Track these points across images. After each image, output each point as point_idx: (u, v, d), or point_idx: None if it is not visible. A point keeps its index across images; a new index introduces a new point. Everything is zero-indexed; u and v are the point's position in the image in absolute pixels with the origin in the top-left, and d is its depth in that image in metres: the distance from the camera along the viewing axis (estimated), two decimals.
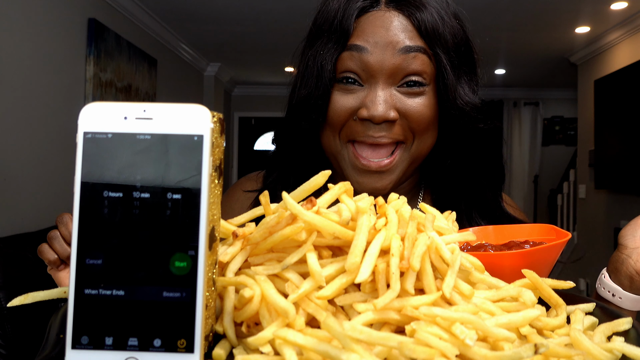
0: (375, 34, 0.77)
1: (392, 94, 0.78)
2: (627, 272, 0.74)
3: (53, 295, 0.52)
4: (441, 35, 0.78)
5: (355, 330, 0.37)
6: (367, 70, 0.77)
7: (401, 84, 0.78)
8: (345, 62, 0.77)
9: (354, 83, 0.78)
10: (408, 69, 0.77)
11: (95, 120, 0.39)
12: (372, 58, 0.76)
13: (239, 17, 4.40)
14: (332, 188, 0.49)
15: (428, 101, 0.79)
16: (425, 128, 0.79)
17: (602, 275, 0.80)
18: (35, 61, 2.92)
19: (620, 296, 0.75)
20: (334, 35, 0.78)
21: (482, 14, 4.30)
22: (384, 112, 0.75)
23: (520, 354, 0.36)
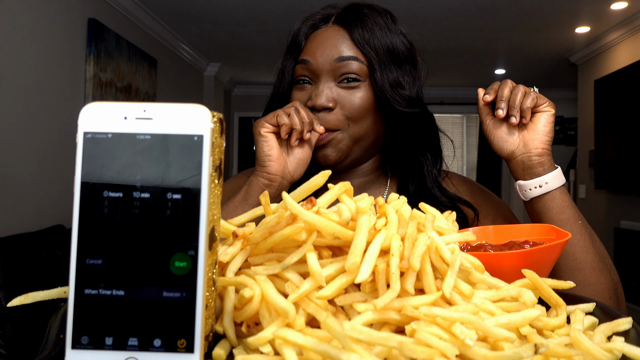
0: (318, 48, 0.99)
1: (331, 88, 0.98)
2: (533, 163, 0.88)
3: (53, 295, 0.52)
4: (371, 43, 0.98)
5: (355, 330, 0.37)
6: (313, 73, 0.99)
7: (340, 80, 0.98)
8: (298, 71, 1.01)
9: (305, 82, 1.01)
10: (343, 70, 0.97)
11: (95, 120, 0.39)
12: (314, 67, 0.98)
13: (239, 17, 4.41)
14: (332, 188, 0.49)
15: (363, 94, 0.98)
16: (358, 115, 0.98)
17: (518, 186, 0.91)
18: (35, 61, 2.92)
19: (546, 180, 0.87)
20: (292, 51, 1.04)
21: (482, 14, 4.30)
22: (323, 102, 0.96)
23: (520, 354, 0.36)
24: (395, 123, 1.01)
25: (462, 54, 5.60)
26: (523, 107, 0.87)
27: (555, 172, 0.89)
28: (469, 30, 4.73)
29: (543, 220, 0.88)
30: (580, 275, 0.87)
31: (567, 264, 0.87)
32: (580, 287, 0.86)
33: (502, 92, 0.89)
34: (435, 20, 4.41)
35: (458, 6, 4.09)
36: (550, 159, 0.90)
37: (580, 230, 0.88)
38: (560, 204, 0.88)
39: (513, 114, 0.87)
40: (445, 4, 4.03)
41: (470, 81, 6.96)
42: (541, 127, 0.88)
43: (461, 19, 4.39)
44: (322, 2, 1.10)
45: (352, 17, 1.00)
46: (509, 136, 0.90)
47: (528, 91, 0.89)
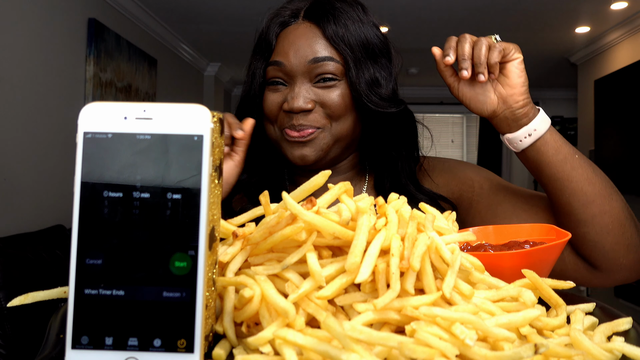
0: (290, 49, 0.94)
1: (308, 89, 0.94)
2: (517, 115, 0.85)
3: (53, 295, 0.52)
4: (346, 40, 0.94)
5: (355, 330, 0.37)
6: (287, 74, 0.95)
7: (316, 80, 0.94)
8: (270, 72, 0.97)
9: (279, 84, 0.97)
10: (319, 70, 0.93)
11: (95, 120, 0.39)
12: (288, 69, 0.94)
13: (239, 17, 4.40)
14: (332, 188, 0.49)
15: (341, 92, 0.94)
16: (339, 113, 0.94)
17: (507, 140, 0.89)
18: (35, 61, 2.92)
19: (534, 127, 0.85)
20: (261, 50, 0.99)
21: (482, 14, 4.30)
22: (301, 104, 0.92)
23: (520, 354, 0.36)
24: (372, 120, 0.98)
25: None
26: (490, 63, 0.82)
27: (539, 116, 0.86)
28: (469, 31, 4.72)
29: (541, 166, 0.86)
30: (594, 207, 0.85)
31: (579, 201, 0.85)
32: (598, 219, 0.85)
33: (462, 50, 0.83)
34: (435, 20, 4.41)
35: (458, 6, 4.09)
36: (532, 105, 0.86)
37: (580, 164, 0.86)
38: (554, 145, 0.85)
39: (480, 71, 0.82)
40: (445, 4, 4.03)
41: None
42: (516, 79, 0.85)
43: (461, 19, 4.39)
44: None
45: (323, 11, 0.95)
46: (485, 96, 0.86)
47: (491, 43, 0.83)
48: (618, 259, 0.86)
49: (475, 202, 0.99)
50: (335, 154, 0.99)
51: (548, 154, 0.85)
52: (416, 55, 5.01)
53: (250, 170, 1.03)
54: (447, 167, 1.06)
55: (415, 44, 4.62)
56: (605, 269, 0.87)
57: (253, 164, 1.03)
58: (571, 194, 0.85)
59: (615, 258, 0.86)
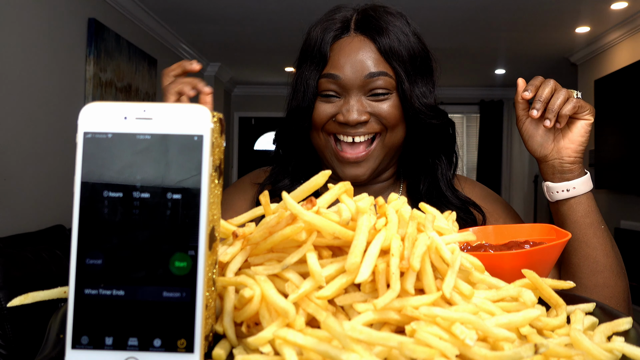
0: (346, 63, 0.97)
1: (362, 102, 0.97)
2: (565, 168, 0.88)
3: (53, 295, 0.52)
4: (398, 54, 0.97)
5: (355, 330, 0.37)
6: (342, 87, 0.97)
7: (370, 94, 0.97)
8: (324, 84, 0.98)
9: (332, 96, 0.99)
10: (373, 85, 0.97)
11: (95, 120, 0.39)
12: (344, 82, 0.96)
13: (239, 17, 4.40)
14: (332, 188, 0.49)
15: (393, 103, 0.98)
16: (394, 124, 0.98)
17: (546, 187, 0.92)
18: (35, 61, 2.92)
19: (574, 185, 0.88)
20: (315, 60, 1.00)
21: (482, 14, 4.30)
22: (356, 117, 0.95)
23: (520, 354, 0.36)
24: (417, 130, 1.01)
25: (462, 54, 5.60)
26: (561, 113, 0.85)
27: (584, 177, 0.89)
28: (469, 30, 4.73)
29: (567, 222, 0.89)
30: (600, 277, 0.88)
31: (589, 266, 0.88)
32: (599, 289, 0.88)
33: (541, 92, 0.87)
34: (435, 20, 4.41)
35: (458, 6, 4.09)
36: (581, 165, 0.90)
37: (603, 234, 0.89)
38: (586, 208, 0.88)
39: (549, 117, 0.85)
40: (445, 4, 4.03)
41: (470, 81, 6.96)
42: (577, 137, 0.88)
43: (461, 19, 4.39)
44: (322, 3, 1.08)
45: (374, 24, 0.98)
46: (544, 139, 0.90)
47: (570, 96, 0.87)
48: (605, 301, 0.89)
49: None
50: (383, 166, 1.02)
51: (577, 214, 0.88)
52: None
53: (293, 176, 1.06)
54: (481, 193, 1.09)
55: None
56: None
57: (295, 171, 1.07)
58: (584, 257, 0.89)
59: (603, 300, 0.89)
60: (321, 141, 1.01)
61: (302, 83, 1.00)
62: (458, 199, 1.02)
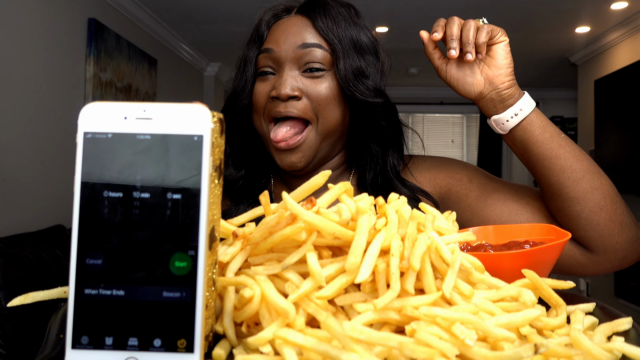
0: (281, 36, 0.96)
1: (296, 77, 0.95)
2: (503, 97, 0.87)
3: (53, 295, 0.52)
4: (335, 32, 0.95)
5: (355, 330, 0.37)
6: (277, 62, 0.96)
7: (305, 69, 0.95)
8: (260, 61, 0.98)
9: (268, 74, 0.98)
10: (307, 58, 0.95)
11: (95, 120, 0.39)
12: (277, 55, 0.95)
13: (239, 17, 4.40)
14: (332, 188, 0.49)
15: (328, 84, 0.95)
16: (325, 106, 0.95)
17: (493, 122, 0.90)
18: (35, 61, 2.92)
19: (520, 107, 0.87)
20: (254, 40, 1.01)
21: (482, 14, 4.29)
22: (288, 91, 0.93)
23: (520, 354, 0.36)
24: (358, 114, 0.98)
25: None
26: (478, 42, 0.85)
27: (525, 97, 0.88)
28: None
29: (529, 145, 0.88)
30: (584, 183, 0.86)
31: (569, 177, 0.86)
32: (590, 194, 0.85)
33: (450, 30, 0.87)
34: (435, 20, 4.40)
35: (458, 6, 4.09)
36: (517, 87, 0.88)
37: (566, 143, 0.88)
38: (540, 124, 0.87)
39: (468, 50, 0.85)
40: (444, 4, 4.03)
41: None
42: (502, 61, 0.87)
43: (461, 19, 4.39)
44: None
45: (315, 6, 0.98)
46: (472, 77, 0.89)
47: (479, 25, 0.87)
48: (613, 237, 0.86)
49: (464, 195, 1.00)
50: (323, 153, 0.99)
51: (535, 133, 0.87)
52: (416, 55, 5.00)
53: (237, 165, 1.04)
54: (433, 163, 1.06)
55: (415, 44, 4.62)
56: (601, 250, 0.87)
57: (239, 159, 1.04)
58: (560, 171, 0.86)
59: (611, 235, 0.86)
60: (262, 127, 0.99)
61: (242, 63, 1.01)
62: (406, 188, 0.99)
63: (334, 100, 0.95)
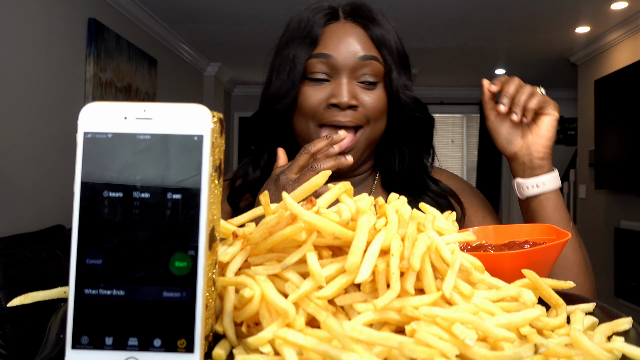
0: (340, 44, 0.96)
1: (353, 87, 0.96)
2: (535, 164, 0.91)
3: (53, 295, 0.52)
4: (388, 43, 0.98)
5: (355, 330, 0.37)
6: (334, 69, 0.96)
7: (359, 80, 0.97)
8: (315, 65, 0.96)
9: (322, 80, 0.96)
10: (365, 70, 0.96)
11: (95, 120, 0.39)
12: (336, 62, 0.95)
13: (239, 17, 4.40)
14: (332, 188, 0.49)
15: (378, 95, 0.98)
16: (377, 116, 0.98)
17: (516, 183, 0.94)
18: (35, 61, 2.92)
19: (544, 181, 0.91)
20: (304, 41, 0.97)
21: (482, 14, 4.30)
22: (348, 99, 0.94)
23: (520, 354, 0.36)
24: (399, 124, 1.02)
25: (462, 54, 5.60)
26: (527, 107, 0.88)
27: (553, 174, 0.91)
28: (469, 30, 4.73)
29: (537, 218, 0.91)
30: (569, 273, 0.89)
31: (558, 263, 0.89)
32: None
33: (507, 88, 0.90)
34: (435, 20, 4.40)
35: (458, 6, 4.09)
36: (550, 162, 0.92)
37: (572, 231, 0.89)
38: (555, 205, 0.90)
39: (515, 111, 0.88)
40: (445, 3, 4.03)
41: (470, 81, 6.96)
42: (544, 132, 0.91)
43: (461, 19, 4.39)
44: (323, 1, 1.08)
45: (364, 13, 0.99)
46: (513, 136, 0.92)
47: (535, 92, 0.90)
48: None
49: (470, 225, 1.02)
50: (363, 157, 1.01)
51: (547, 210, 0.91)
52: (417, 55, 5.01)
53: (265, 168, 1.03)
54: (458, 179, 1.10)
55: (416, 43, 4.61)
56: None
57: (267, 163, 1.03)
58: None
59: None
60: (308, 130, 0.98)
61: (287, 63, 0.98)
62: (437, 187, 1.02)
63: (384, 110, 0.99)
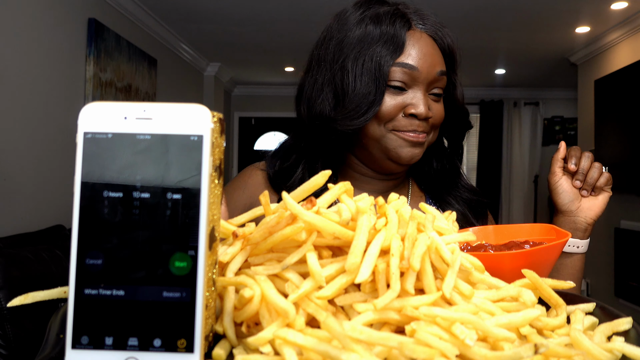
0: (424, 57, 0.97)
1: (427, 98, 0.99)
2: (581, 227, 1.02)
3: (53, 295, 0.52)
4: (455, 57, 1.04)
5: (355, 330, 0.37)
6: (414, 80, 0.97)
7: (431, 92, 1.01)
8: (397, 74, 0.96)
9: (402, 90, 0.98)
10: (438, 84, 1.01)
11: (95, 120, 0.39)
12: (419, 75, 0.97)
13: (239, 17, 4.40)
14: (332, 188, 0.49)
15: (443, 106, 1.04)
16: (439, 125, 1.04)
17: None
18: (35, 61, 2.92)
19: (583, 245, 1.03)
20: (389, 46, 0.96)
21: (482, 14, 4.30)
22: (427, 112, 0.97)
23: (520, 354, 0.36)
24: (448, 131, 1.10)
25: (462, 54, 5.60)
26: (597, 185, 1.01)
27: (587, 240, 1.03)
28: (469, 30, 4.73)
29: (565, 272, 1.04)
30: None
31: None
32: None
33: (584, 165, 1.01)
34: None
35: (458, 6, 4.09)
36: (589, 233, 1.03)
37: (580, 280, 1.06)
38: (581, 267, 1.05)
39: (586, 188, 1.02)
40: (445, 3, 4.03)
41: (470, 81, 6.95)
42: (600, 204, 1.02)
43: (461, 19, 4.39)
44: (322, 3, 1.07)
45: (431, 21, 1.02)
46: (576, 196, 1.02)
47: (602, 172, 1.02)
48: None
49: None
50: None
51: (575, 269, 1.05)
52: None
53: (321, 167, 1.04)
54: None
55: None
56: None
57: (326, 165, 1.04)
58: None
59: None
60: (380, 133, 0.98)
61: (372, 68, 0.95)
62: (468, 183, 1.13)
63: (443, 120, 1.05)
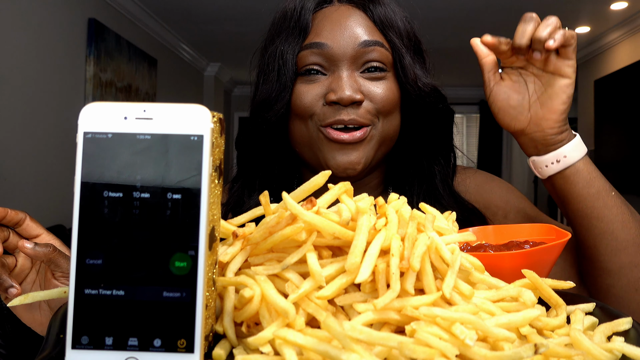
0: (334, 30, 0.81)
1: (355, 78, 0.81)
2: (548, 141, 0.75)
3: (53, 295, 0.52)
4: (395, 25, 0.84)
5: (355, 330, 0.37)
6: (330, 60, 0.81)
7: (363, 69, 0.82)
8: (307, 58, 0.82)
9: (317, 73, 0.82)
10: (368, 57, 0.82)
11: (95, 120, 0.39)
12: (332, 52, 0.81)
13: (239, 17, 4.40)
14: (332, 188, 0.49)
15: (389, 85, 0.83)
16: (389, 110, 0.83)
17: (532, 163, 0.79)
18: (35, 61, 2.92)
19: (565, 153, 0.74)
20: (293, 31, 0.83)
21: (481, 14, 4.30)
22: (351, 94, 0.79)
23: (520, 354, 0.36)
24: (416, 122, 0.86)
25: (462, 54, 5.60)
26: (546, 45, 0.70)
27: (573, 141, 0.75)
28: (469, 31, 4.73)
29: (568, 198, 0.75)
30: (624, 256, 0.73)
31: (607, 245, 0.74)
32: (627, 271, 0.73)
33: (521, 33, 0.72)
34: (435, 20, 4.40)
35: (458, 6, 4.10)
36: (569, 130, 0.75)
37: (615, 203, 0.75)
38: (586, 177, 0.74)
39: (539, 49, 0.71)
40: (444, 3, 4.03)
41: (470, 81, 6.96)
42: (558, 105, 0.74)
43: (461, 19, 4.39)
44: None
45: None
46: (518, 110, 0.76)
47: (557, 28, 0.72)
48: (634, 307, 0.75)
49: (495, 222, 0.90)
50: (375, 161, 0.86)
51: (578, 186, 0.74)
52: None
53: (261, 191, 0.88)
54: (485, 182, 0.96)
55: None
56: None
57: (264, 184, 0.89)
58: (599, 235, 0.74)
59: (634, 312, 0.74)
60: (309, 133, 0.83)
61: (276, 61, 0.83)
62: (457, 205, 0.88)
63: (396, 104, 0.84)
